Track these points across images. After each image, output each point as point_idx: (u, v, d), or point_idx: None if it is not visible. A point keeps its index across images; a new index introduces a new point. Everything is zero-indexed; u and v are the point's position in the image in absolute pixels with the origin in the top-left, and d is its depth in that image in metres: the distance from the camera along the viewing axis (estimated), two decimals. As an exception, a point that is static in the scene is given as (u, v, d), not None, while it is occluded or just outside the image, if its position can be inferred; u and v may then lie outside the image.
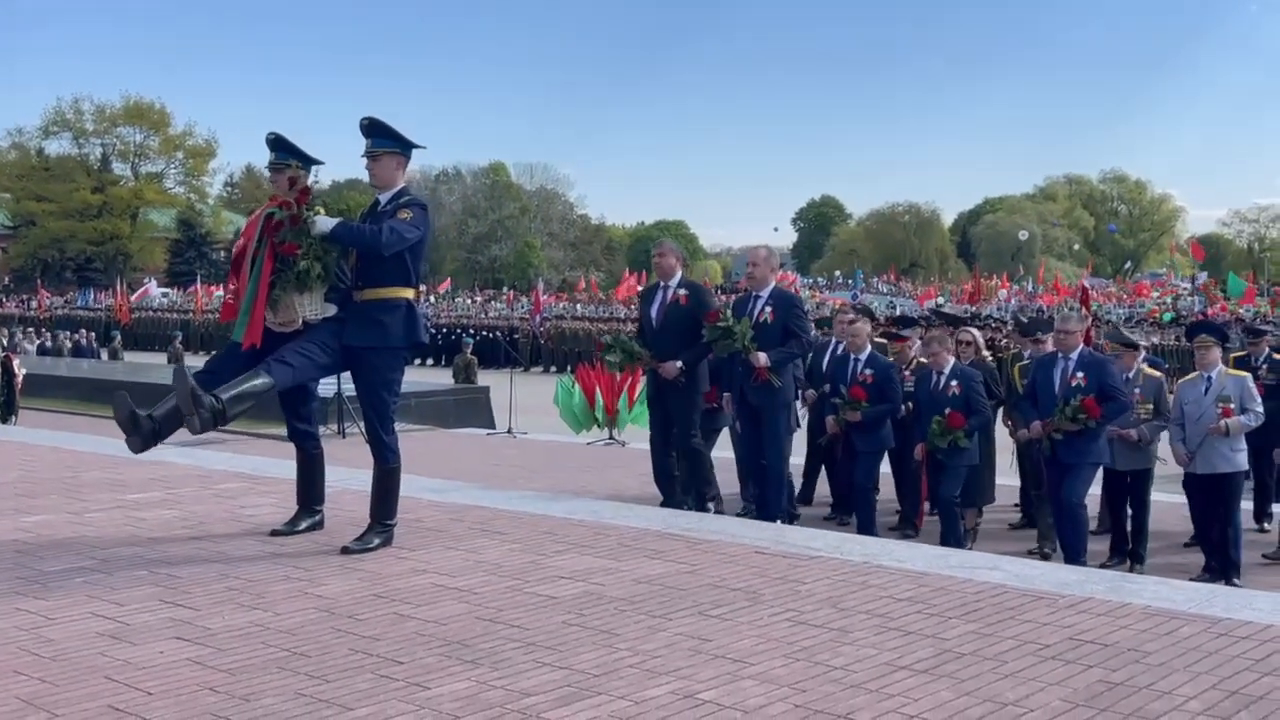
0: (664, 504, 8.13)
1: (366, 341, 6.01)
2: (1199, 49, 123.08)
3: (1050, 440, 8.00)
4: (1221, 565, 8.11)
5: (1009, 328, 17.17)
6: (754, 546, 6.25)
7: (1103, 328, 29.04)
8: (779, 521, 7.80)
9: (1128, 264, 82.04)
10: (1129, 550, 8.59)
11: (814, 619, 4.83)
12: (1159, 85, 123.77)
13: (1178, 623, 4.77)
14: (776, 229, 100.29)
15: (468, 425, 16.60)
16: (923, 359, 9.31)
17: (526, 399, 16.60)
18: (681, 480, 8.34)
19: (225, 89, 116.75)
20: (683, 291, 8.23)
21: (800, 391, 9.33)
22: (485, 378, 21.87)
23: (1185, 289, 48.71)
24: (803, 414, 9.92)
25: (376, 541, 6.10)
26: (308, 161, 6.61)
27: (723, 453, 10.13)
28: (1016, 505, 10.08)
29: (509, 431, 15.66)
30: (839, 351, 9.39)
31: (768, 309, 8.10)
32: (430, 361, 39.26)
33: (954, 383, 8.57)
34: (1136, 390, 8.56)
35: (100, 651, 4.36)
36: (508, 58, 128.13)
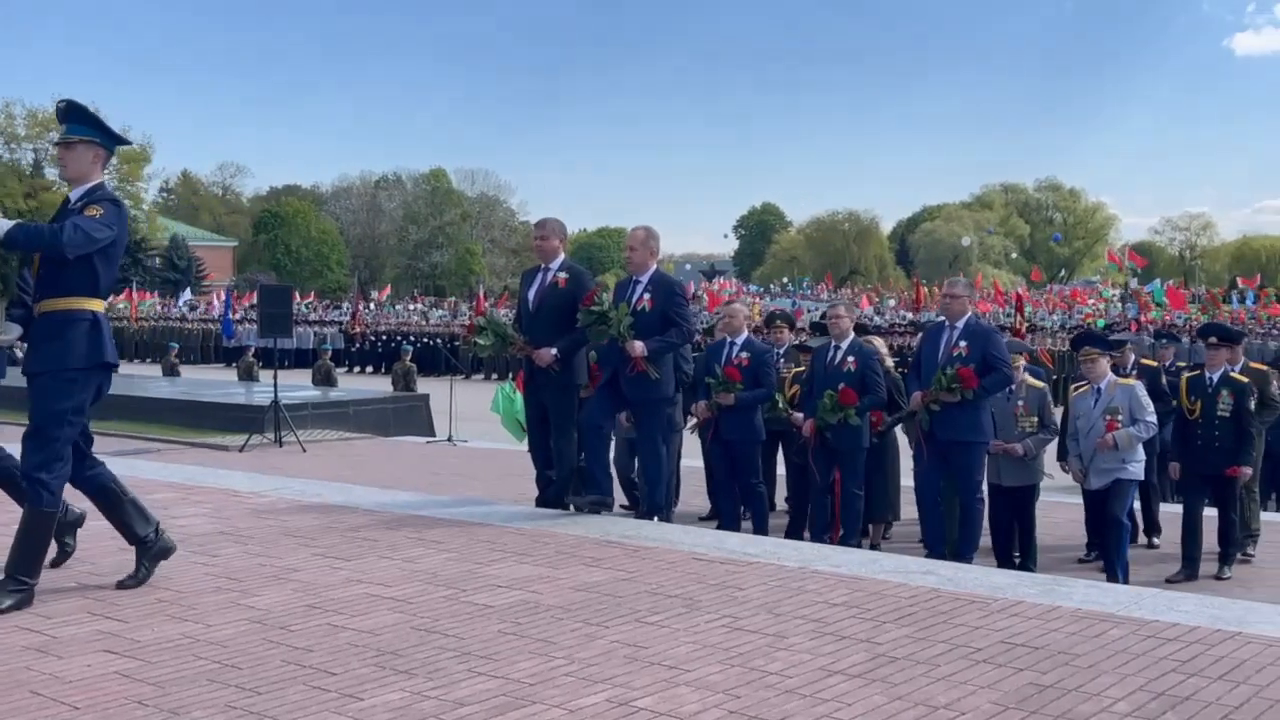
0: (539, 503, 7.82)
1: (41, 365, 5.28)
2: (1131, 58, 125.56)
3: (928, 412, 7.60)
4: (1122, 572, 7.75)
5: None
6: (692, 553, 6.27)
7: (1037, 335, 29.45)
8: (655, 519, 7.59)
9: (1062, 271, 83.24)
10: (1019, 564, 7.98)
11: (750, 625, 4.86)
12: (1093, 93, 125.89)
13: (1107, 625, 4.85)
14: (726, 235, 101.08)
15: (407, 433, 16.49)
16: None
17: (466, 406, 16.53)
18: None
19: (159, 95, 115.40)
20: (562, 275, 7.75)
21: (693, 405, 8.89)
22: (425, 385, 21.67)
23: (1115, 295, 49.45)
24: (690, 422, 9.39)
25: (8, 602, 5.08)
26: None
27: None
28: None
29: (449, 439, 15.57)
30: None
31: (646, 295, 7.53)
32: (369, 369, 39.01)
33: (850, 358, 8.22)
34: (1020, 402, 8.12)
35: (26, 665, 4.28)
36: (449, 64, 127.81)
